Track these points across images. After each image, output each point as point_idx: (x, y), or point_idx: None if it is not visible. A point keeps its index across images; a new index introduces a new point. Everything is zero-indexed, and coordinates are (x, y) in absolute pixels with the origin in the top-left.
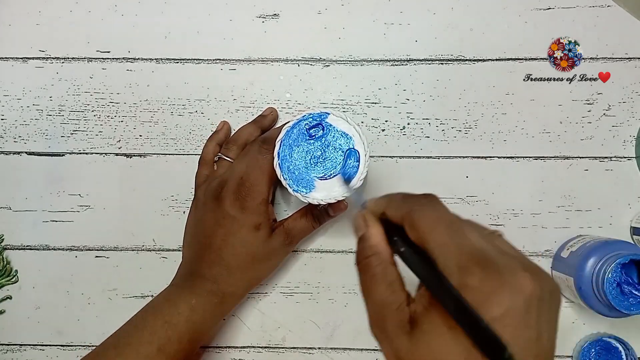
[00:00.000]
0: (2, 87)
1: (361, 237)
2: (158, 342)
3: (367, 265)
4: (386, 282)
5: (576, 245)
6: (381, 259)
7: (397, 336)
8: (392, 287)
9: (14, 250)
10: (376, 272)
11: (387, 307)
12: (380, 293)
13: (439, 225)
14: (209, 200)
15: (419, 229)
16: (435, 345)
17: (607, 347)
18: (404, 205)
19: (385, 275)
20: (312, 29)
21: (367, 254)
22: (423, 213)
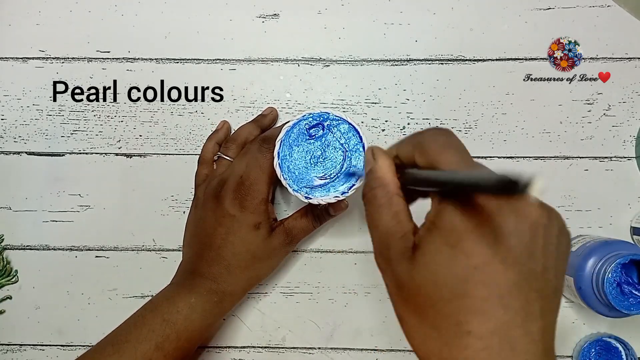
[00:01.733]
0: (2, 87)
1: (369, 170)
2: (156, 340)
3: (373, 196)
4: (392, 211)
5: (576, 245)
6: (387, 190)
7: (398, 262)
8: (397, 216)
9: (14, 250)
10: (382, 202)
11: (392, 236)
12: (385, 222)
13: (449, 148)
14: (208, 199)
15: (429, 152)
16: (435, 266)
17: (607, 347)
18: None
19: (390, 205)
20: (312, 29)
21: (373, 185)
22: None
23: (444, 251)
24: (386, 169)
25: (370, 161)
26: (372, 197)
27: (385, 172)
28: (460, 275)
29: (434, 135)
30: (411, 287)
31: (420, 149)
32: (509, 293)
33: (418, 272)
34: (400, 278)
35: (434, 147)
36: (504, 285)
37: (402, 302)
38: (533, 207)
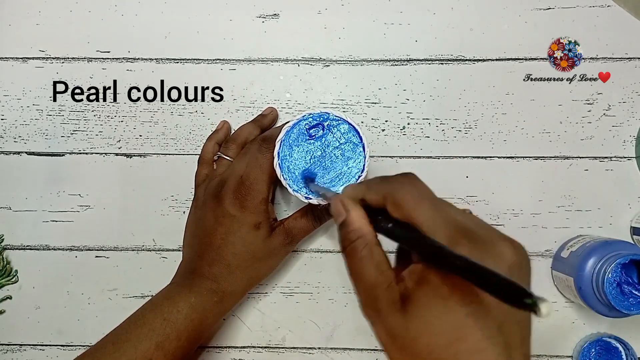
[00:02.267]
0: (2, 87)
1: (342, 222)
2: (156, 339)
3: (353, 249)
4: (374, 263)
5: (576, 245)
6: (367, 241)
7: (390, 314)
8: (380, 267)
9: (14, 250)
10: (363, 254)
11: (378, 287)
12: (369, 274)
13: (423, 200)
14: (208, 199)
15: (403, 206)
16: (430, 317)
17: (607, 347)
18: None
19: (372, 257)
20: (312, 29)
21: (352, 237)
22: (406, 190)
23: (438, 303)
24: (361, 219)
25: (341, 212)
26: (353, 250)
27: (362, 223)
28: (455, 323)
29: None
30: (406, 337)
31: (393, 202)
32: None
33: (412, 323)
34: (394, 329)
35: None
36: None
37: (397, 352)
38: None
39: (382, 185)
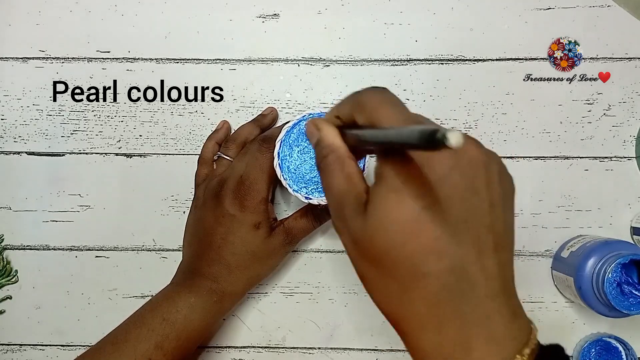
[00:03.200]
0: (2, 87)
1: (316, 141)
2: (156, 339)
3: (325, 163)
4: (344, 174)
5: (576, 245)
6: (338, 154)
7: (352, 219)
8: (350, 178)
9: (14, 250)
10: (334, 167)
11: (346, 196)
12: (338, 184)
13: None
14: (208, 199)
15: (366, 108)
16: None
17: (607, 347)
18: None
19: (342, 168)
20: (312, 29)
21: (324, 153)
22: (369, 95)
23: (391, 197)
24: (332, 135)
25: (314, 133)
26: (325, 165)
27: (333, 138)
28: (410, 218)
29: (371, 93)
30: (365, 239)
31: (358, 107)
32: (459, 229)
33: (369, 222)
34: (355, 233)
35: (370, 104)
36: (453, 222)
37: (360, 258)
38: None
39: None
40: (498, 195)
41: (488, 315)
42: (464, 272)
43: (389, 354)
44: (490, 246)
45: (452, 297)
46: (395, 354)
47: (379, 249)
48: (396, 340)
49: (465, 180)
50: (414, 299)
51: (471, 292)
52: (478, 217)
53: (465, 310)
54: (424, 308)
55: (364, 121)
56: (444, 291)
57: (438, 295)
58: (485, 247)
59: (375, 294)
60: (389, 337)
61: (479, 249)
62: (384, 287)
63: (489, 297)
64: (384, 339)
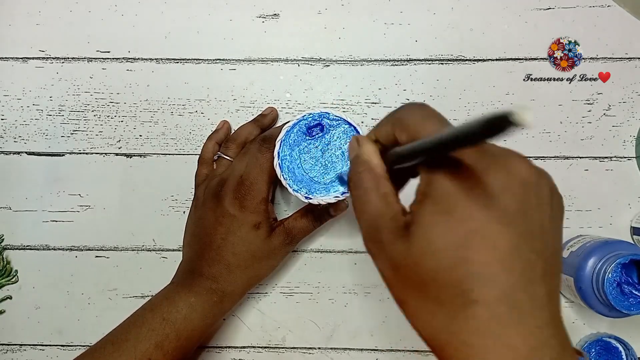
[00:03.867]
0: (2, 87)
1: (354, 156)
2: (156, 339)
3: (359, 179)
4: (380, 194)
5: (576, 245)
6: (374, 173)
7: (392, 243)
8: (386, 198)
9: (14, 250)
10: (369, 185)
11: (382, 217)
12: (374, 205)
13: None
14: (208, 199)
15: (409, 126)
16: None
17: (607, 347)
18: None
19: (378, 188)
20: (312, 29)
21: (360, 169)
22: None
23: (439, 219)
24: (371, 152)
25: (354, 148)
26: (359, 181)
27: (371, 156)
28: (459, 242)
29: (412, 109)
30: (409, 263)
31: (400, 125)
32: (510, 255)
33: (414, 246)
34: (396, 258)
35: (413, 120)
36: (503, 247)
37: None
38: (521, 165)
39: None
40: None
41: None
42: (513, 302)
43: (389, 354)
44: (539, 274)
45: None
46: (395, 354)
47: (425, 274)
48: (396, 340)
49: (517, 202)
50: (462, 328)
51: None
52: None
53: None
54: (473, 338)
55: (407, 138)
56: (494, 321)
57: (488, 325)
58: (535, 274)
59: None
60: (389, 337)
61: (528, 277)
62: (428, 314)
63: (539, 328)
64: (384, 339)
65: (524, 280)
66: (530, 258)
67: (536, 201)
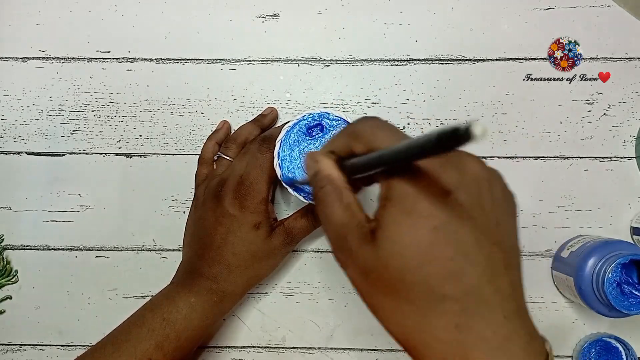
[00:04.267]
0: (2, 87)
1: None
2: (156, 339)
3: (323, 194)
4: (343, 204)
5: (576, 245)
6: (335, 185)
7: (359, 249)
8: (350, 208)
9: (14, 250)
10: (332, 198)
11: (347, 227)
12: (337, 216)
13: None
14: (208, 199)
15: (363, 137)
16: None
17: (607, 347)
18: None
19: (341, 199)
20: (312, 29)
21: (321, 184)
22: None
23: (402, 220)
24: (330, 167)
25: (311, 165)
26: (323, 195)
27: (330, 169)
28: (423, 240)
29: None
30: (377, 267)
31: (355, 137)
32: (473, 249)
33: (381, 249)
34: (365, 264)
35: (366, 131)
36: (466, 241)
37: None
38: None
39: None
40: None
41: (508, 337)
42: (480, 294)
43: (389, 354)
44: (502, 265)
45: (473, 321)
46: (395, 354)
47: (394, 275)
48: None
49: (471, 198)
50: (434, 325)
51: (490, 315)
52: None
53: (486, 334)
54: (446, 334)
55: (362, 149)
56: (464, 315)
57: (458, 320)
58: (497, 266)
59: (392, 324)
60: (389, 337)
61: (492, 268)
62: (400, 315)
63: (507, 318)
64: (384, 339)
65: (489, 273)
66: (492, 251)
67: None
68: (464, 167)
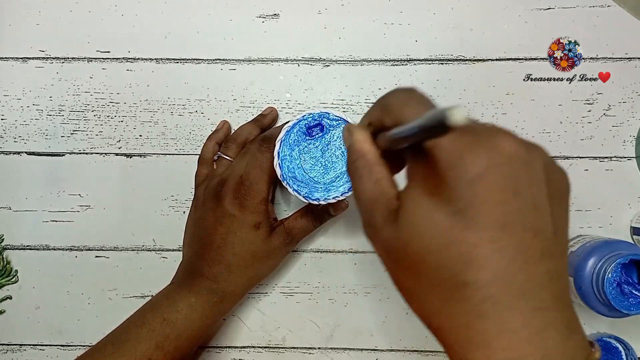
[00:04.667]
0: (2, 87)
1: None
2: (156, 340)
3: (354, 168)
4: (372, 180)
5: (576, 245)
6: (366, 160)
7: (384, 227)
8: (379, 184)
9: (14, 250)
10: (363, 173)
11: (375, 203)
12: (367, 191)
13: (411, 100)
14: (208, 199)
15: (392, 108)
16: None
17: (607, 347)
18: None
19: (371, 174)
20: (312, 29)
21: (354, 158)
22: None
23: (423, 201)
24: (363, 140)
25: (347, 138)
26: (354, 170)
27: (362, 143)
28: (444, 223)
29: (397, 94)
30: (398, 247)
31: (385, 107)
32: (499, 235)
33: (402, 229)
34: (389, 241)
35: (396, 104)
36: (492, 227)
37: (395, 268)
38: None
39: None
40: (544, 196)
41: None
42: (509, 282)
43: (389, 354)
44: (537, 252)
45: (498, 310)
46: (395, 353)
47: (414, 257)
48: (396, 340)
49: (503, 180)
50: (456, 310)
51: (519, 305)
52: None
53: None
54: (467, 320)
55: (391, 123)
56: (488, 303)
57: (481, 308)
58: (532, 253)
59: (414, 303)
60: (389, 337)
61: (525, 256)
62: (422, 297)
63: (540, 309)
64: (384, 339)
65: (520, 260)
66: (524, 237)
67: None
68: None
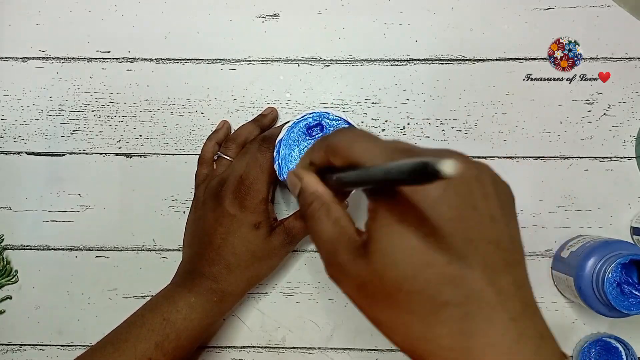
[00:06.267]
0: (2, 87)
1: (299, 191)
2: (156, 339)
3: (311, 211)
4: (331, 219)
5: (576, 245)
6: (322, 201)
7: (352, 263)
8: (339, 223)
9: (14, 250)
10: (320, 214)
11: (338, 242)
12: (327, 231)
13: (357, 138)
14: (208, 199)
15: (339, 149)
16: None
17: (607, 347)
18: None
19: (329, 214)
20: (312, 29)
21: (308, 201)
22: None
23: (393, 230)
24: (315, 182)
25: (295, 182)
26: (311, 212)
27: (316, 186)
28: (416, 247)
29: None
30: (373, 280)
31: (331, 149)
32: (467, 250)
33: (375, 261)
34: (360, 277)
35: (342, 144)
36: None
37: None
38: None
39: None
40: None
41: (516, 340)
42: (483, 297)
43: (389, 354)
44: (501, 263)
45: (478, 326)
46: (395, 354)
47: (391, 286)
48: None
49: (461, 197)
50: (438, 333)
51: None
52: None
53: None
54: (451, 341)
55: (341, 162)
56: (468, 320)
57: (462, 325)
58: (496, 265)
59: (395, 335)
60: None
61: (491, 268)
62: (402, 326)
63: (514, 320)
64: (384, 339)
65: (487, 274)
66: (487, 250)
67: (481, 194)
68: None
